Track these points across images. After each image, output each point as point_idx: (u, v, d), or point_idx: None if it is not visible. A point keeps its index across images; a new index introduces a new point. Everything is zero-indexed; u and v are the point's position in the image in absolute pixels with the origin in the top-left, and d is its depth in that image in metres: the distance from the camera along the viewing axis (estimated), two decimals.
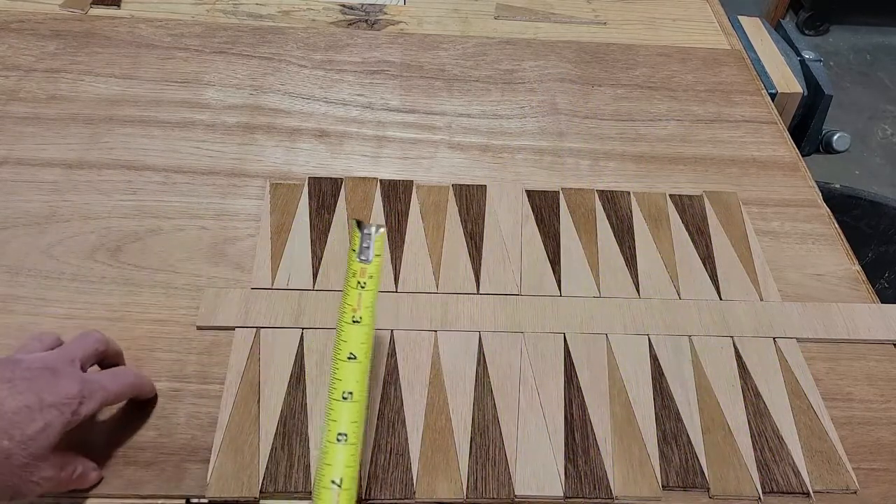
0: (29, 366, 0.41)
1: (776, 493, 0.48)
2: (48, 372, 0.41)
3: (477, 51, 0.84)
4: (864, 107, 2.13)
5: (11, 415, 0.38)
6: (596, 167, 0.71)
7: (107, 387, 0.44)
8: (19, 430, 0.38)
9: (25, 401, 0.39)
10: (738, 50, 0.89)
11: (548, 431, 0.50)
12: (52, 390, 0.40)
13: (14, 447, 0.38)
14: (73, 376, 0.42)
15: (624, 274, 0.60)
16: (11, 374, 0.40)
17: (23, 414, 0.38)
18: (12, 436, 0.38)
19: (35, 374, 0.40)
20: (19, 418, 0.38)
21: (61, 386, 0.41)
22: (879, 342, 0.57)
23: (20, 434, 0.38)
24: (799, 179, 0.71)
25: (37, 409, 0.39)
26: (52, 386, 0.40)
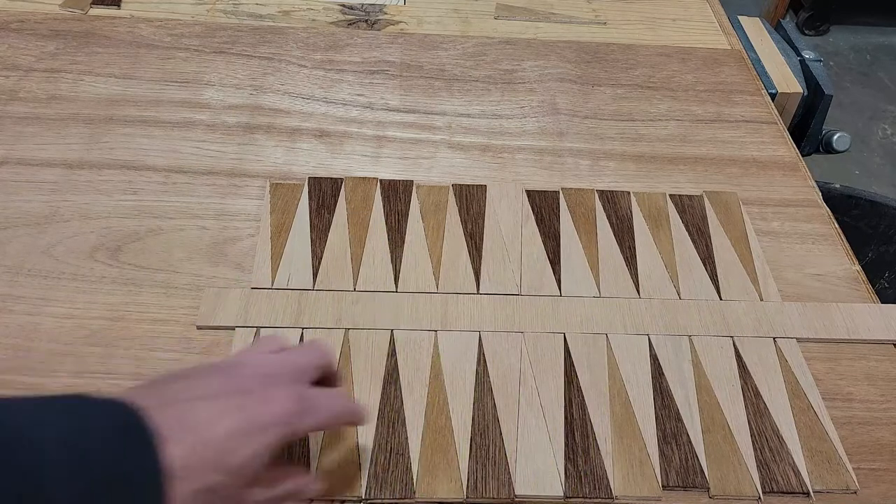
0: (249, 373, 0.37)
1: (776, 493, 0.48)
2: (267, 381, 0.37)
3: (477, 51, 0.84)
4: (864, 107, 2.13)
5: (224, 441, 0.33)
6: (596, 167, 0.71)
7: (326, 407, 0.39)
8: (230, 458, 0.33)
9: (238, 423, 0.34)
10: (738, 50, 0.89)
11: (548, 431, 0.50)
12: (267, 408, 0.36)
13: (226, 479, 0.33)
14: (292, 390, 0.37)
15: (624, 274, 0.60)
16: (226, 387, 0.36)
17: (235, 440, 0.34)
18: (223, 467, 0.33)
19: (251, 386, 0.36)
20: (231, 444, 0.34)
21: (277, 401, 0.36)
22: (879, 342, 0.57)
23: (231, 464, 0.33)
24: (799, 179, 0.71)
25: (250, 433, 0.34)
26: (267, 402, 0.36)
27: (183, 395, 0.34)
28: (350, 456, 0.47)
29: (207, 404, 0.34)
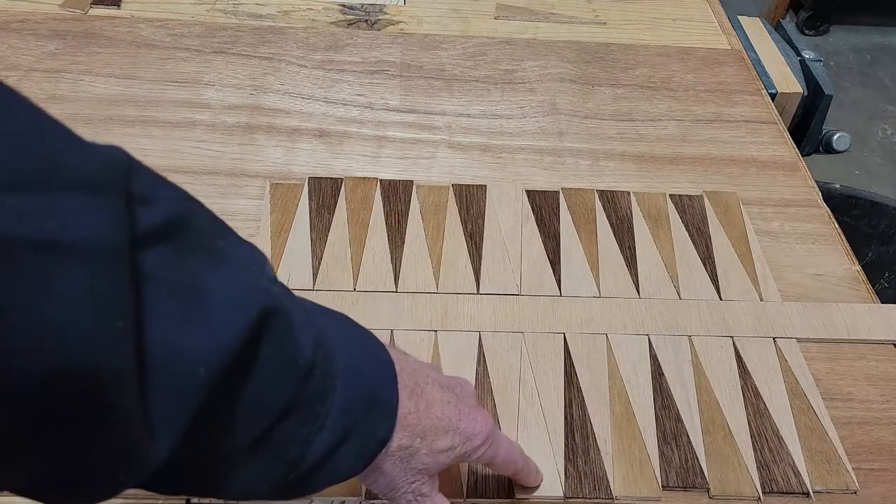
0: (469, 391, 0.40)
1: (776, 494, 0.48)
2: (468, 404, 0.39)
3: (477, 51, 0.84)
4: (864, 107, 2.13)
5: (435, 420, 0.36)
6: (596, 167, 0.71)
7: (507, 449, 0.41)
8: (432, 438, 0.36)
9: (449, 414, 0.37)
10: (738, 50, 0.89)
11: (548, 431, 0.50)
12: (469, 418, 0.38)
13: (421, 449, 0.36)
14: (487, 417, 0.39)
15: (624, 274, 0.60)
16: (450, 388, 0.39)
17: (442, 426, 0.37)
18: (425, 442, 0.36)
19: (459, 398, 0.39)
20: (440, 426, 0.37)
21: (483, 421, 0.39)
22: (879, 342, 0.57)
23: (431, 443, 0.36)
24: (799, 179, 0.71)
25: (452, 429, 0.37)
26: (475, 417, 0.38)
27: (419, 371, 0.38)
28: None
29: (434, 389, 0.38)
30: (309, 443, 0.31)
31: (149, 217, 0.24)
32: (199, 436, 0.27)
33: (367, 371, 0.34)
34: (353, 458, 0.33)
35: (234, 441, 0.29)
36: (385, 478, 0.36)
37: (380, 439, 0.34)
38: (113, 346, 0.22)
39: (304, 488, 0.33)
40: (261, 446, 0.30)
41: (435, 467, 0.37)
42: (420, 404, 0.36)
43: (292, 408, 0.30)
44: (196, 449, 0.27)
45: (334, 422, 0.32)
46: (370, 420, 0.34)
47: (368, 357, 0.35)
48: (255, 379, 0.28)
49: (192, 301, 0.25)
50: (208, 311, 0.26)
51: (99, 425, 0.23)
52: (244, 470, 0.30)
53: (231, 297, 0.27)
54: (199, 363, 0.25)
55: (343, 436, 0.32)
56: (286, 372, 0.29)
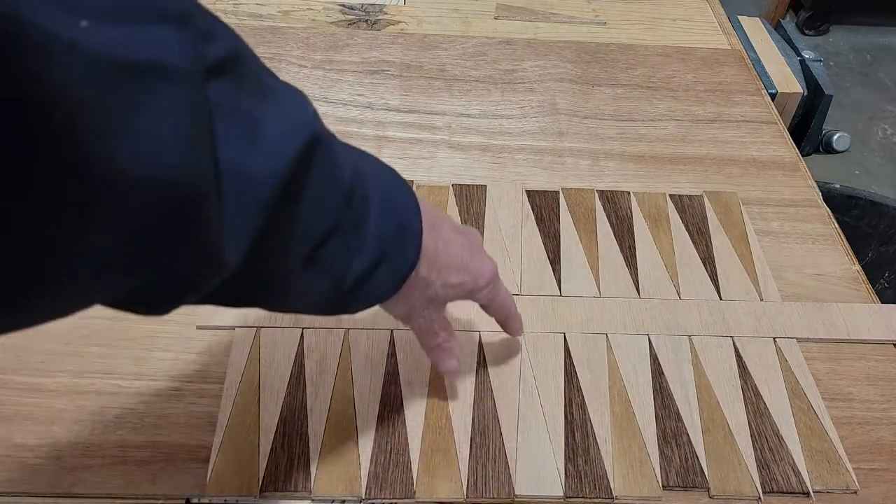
0: (479, 240, 0.47)
1: (776, 493, 0.48)
2: (477, 248, 0.46)
3: (477, 51, 0.84)
4: (864, 107, 2.13)
5: (450, 258, 0.42)
6: (596, 167, 0.71)
7: (506, 294, 0.48)
8: (446, 273, 0.42)
9: (462, 254, 0.43)
10: (738, 50, 0.89)
11: (548, 431, 0.50)
12: (478, 260, 0.44)
13: (435, 282, 0.42)
14: (493, 262, 0.46)
15: (624, 274, 0.60)
16: (459, 230, 0.45)
17: (455, 264, 0.42)
18: (440, 274, 0.42)
19: (469, 242, 0.45)
20: (453, 264, 0.42)
21: (483, 262, 0.45)
22: (879, 342, 0.57)
23: (445, 277, 0.42)
24: (799, 179, 0.71)
25: (464, 267, 0.43)
26: (483, 260, 0.45)
27: (437, 213, 0.43)
28: (350, 456, 0.47)
29: (449, 231, 0.43)
30: (350, 262, 0.36)
31: (213, 51, 0.27)
32: (263, 250, 0.31)
33: (396, 201, 0.39)
34: (388, 280, 0.39)
35: (291, 256, 0.33)
36: (404, 305, 0.42)
37: (410, 262, 0.39)
38: (201, 161, 0.26)
39: (349, 305, 0.38)
40: (312, 263, 0.34)
41: (445, 298, 0.44)
42: (438, 242, 0.41)
43: (336, 229, 0.34)
44: (260, 263, 0.31)
45: (371, 245, 0.36)
46: (400, 246, 0.38)
47: (396, 189, 0.39)
48: (305, 199, 0.32)
49: (252, 129, 0.28)
50: (266, 137, 0.29)
51: (193, 233, 0.26)
52: (298, 284, 0.35)
53: (283, 126, 0.30)
54: (262, 182, 0.29)
55: (379, 258, 0.37)
56: (330, 195, 0.34)
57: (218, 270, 0.29)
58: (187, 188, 0.25)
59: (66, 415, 0.48)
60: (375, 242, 0.36)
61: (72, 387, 0.50)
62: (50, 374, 0.50)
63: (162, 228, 0.25)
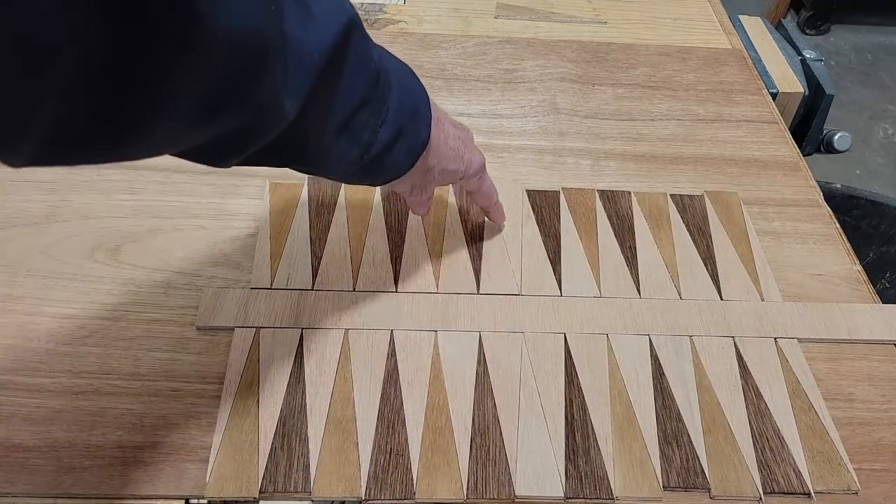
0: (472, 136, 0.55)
1: (777, 494, 0.48)
2: (470, 142, 0.54)
3: (477, 50, 0.84)
4: (865, 106, 2.13)
5: (449, 149, 0.50)
6: (596, 167, 0.70)
7: (489, 182, 0.57)
8: (445, 162, 0.50)
9: (458, 147, 0.51)
10: (739, 49, 0.88)
11: (548, 431, 0.49)
12: (471, 151, 0.53)
13: (435, 167, 0.50)
14: (481, 155, 0.54)
15: (624, 274, 0.60)
16: (457, 125, 0.52)
17: (452, 154, 0.51)
18: (440, 161, 0.50)
19: (464, 137, 0.53)
20: (451, 154, 0.51)
21: (475, 154, 0.53)
22: (881, 342, 0.57)
23: (444, 164, 0.50)
24: (800, 179, 0.71)
25: (459, 157, 0.52)
26: (470, 149, 0.53)
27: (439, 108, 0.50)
28: (350, 456, 0.47)
29: (449, 126, 0.51)
30: (376, 132, 0.43)
31: None
32: (313, 109, 0.38)
33: (411, 88, 0.46)
34: (404, 153, 0.46)
35: (329, 122, 0.40)
36: (408, 181, 0.50)
37: (422, 141, 0.47)
38: (273, 28, 0.32)
39: (374, 174, 0.46)
40: (345, 129, 0.41)
41: (441, 181, 0.53)
42: (440, 133, 0.49)
43: (366, 101, 0.41)
44: (309, 121, 0.38)
45: (391, 120, 0.43)
46: (414, 125, 0.46)
47: (411, 81, 0.47)
48: (345, 71, 0.39)
49: (305, 10, 0.35)
50: (316, 16, 0.36)
51: (266, 84, 0.33)
52: (333, 148, 0.42)
53: (329, 9, 0.37)
54: (314, 51, 0.36)
55: (398, 132, 0.44)
56: (364, 70, 0.41)
57: (280, 120, 0.36)
58: (263, 46, 0.32)
59: (65, 415, 0.48)
60: (395, 119, 0.43)
61: (70, 387, 0.50)
62: (49, 375, 0.50)
63: (246, 78, 0.32)
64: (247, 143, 0.37)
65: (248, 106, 0.33)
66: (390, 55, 0.46)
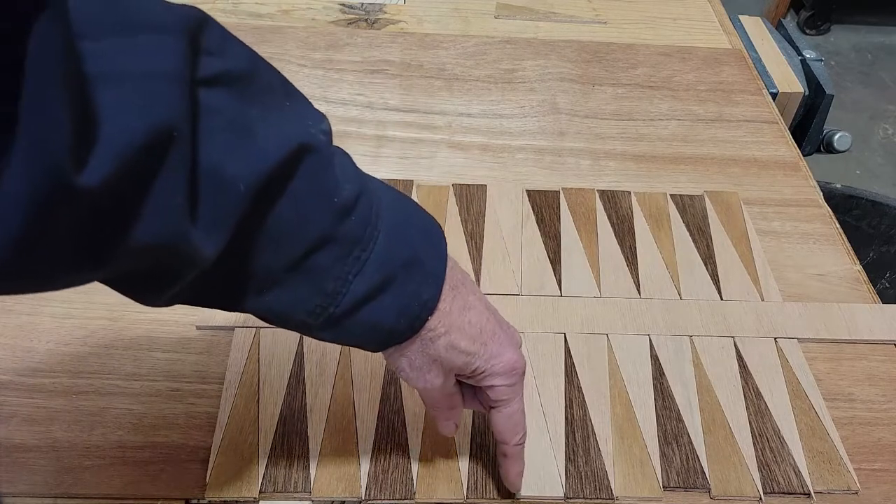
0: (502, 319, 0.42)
1: (777, 494, 0.48)
2: (507, 335, 0.41)
3: (477, 50, 0.84)
4: (865, 106, 2.13)
5: (466, 323, 0.39)
6: (596, 167, 0.70)
7: (522, 412, 0.42)
8: (456, 335, 0.39)
9: (482, 326, 0.40)
10: (739, 49, 0.88)
11: (548, 431, 0.49)
12: (499, 343, 0.40)
13: (441, 338, 0.38)
14: (519, 355, 0.41)
15: (625, 274, 0.60)
16: (494, 311, 0.41)
17: (470, 332, 0.39)
18: (448, 332, 0.38)
19: (501, 324, 0.41)
20: (468, 331, 0.39)
21: (508, 350, 0.40)
22: (881, 342, 0.57)
23: (453, 339, 0.39)
24: (800, 179, 0.71)
25: (479, 339, 0.39)
26: (501, 341, 0.40)
27: (470, 284, 0.41)
28: (350, 456, 0.47)
29: (476, 300, 0.40)
30: (347, 282, 0.35)
31: (213, 65, 0.29)
32: (242, 245, 0.32)
33: (413, 238, 0.37)
34: (394, 315, 0.36)
35: (275, 258, 0.34)
36: (402, 357, 0.39)
37: (422, 302, 0.37)
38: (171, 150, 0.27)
39: (349, 332, 0.37)
40: (299, 271, 0.34)
41: (448, 364, 0.39)
42: (456, 302, 0.39)
43: (326, 241, 0.34)
44: (240, 258, 0.33)
45: (373, 268, 0.35)
46: (411, 279, 0.37)
47: (418, 230, 0.38)
48: (288, 202, 0.33)
49: (243, 134, 0.31)
50: (253, 142, 0.31)
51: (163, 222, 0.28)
52: (284, 290, 0.35)
53: (275, 134, 0.32)
54: (239, 181, 0.30)
55: (382, 284, 0.36)
56: (319, 204, 0.34)
57: (195, 258, 0.31)
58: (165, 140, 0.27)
59: (65, 415, 0.48)
60: (379, 265, 0.35)
61: (70, 387, 0.50)
62: (49, 375, 0.50)
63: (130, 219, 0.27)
64: (161, 284, 0.32)
65: (135, 248, 0.28)
66: (398, 195, 0.39)
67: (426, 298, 0.37)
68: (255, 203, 0.31)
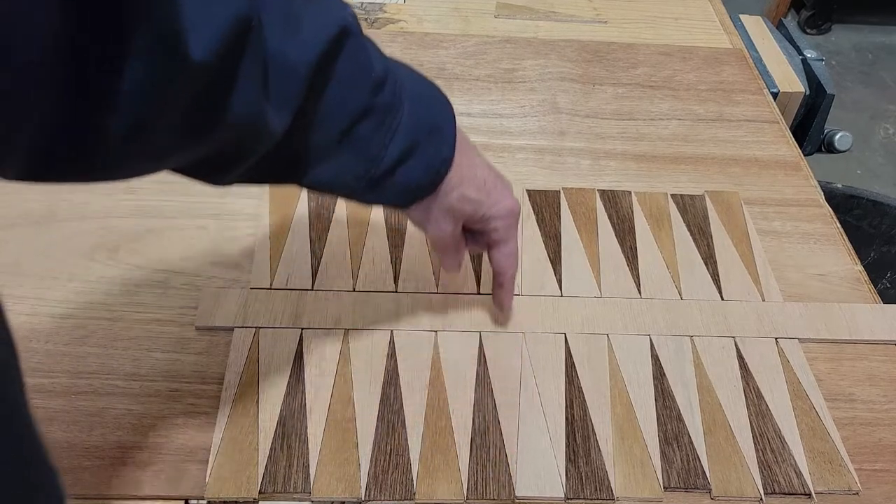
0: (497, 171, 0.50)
1: (778, 494, 0.48)
2: (504, 185, 0.49)
3: (477, 49, 0.84)
4: (865, 106, 2.13)
5: (473, 176, 0.46)
6: (597, 166, 0.70)
7: (517, 252, 0.51)
8: (466, 185, 0.46)
9: (486, 178, 0.47)
10: (739, 49, 0.88)
11: (548, 432, 0.49)
12: (499, 191, 0.48)
13: (453, 191, 0.46)
14: (515, 200, 0.49)
15: (625, 274, 0.60)
16: (492, 167, 0.49)
17: (476, 183, 0.46)
18: (459, 184, 0.46)
19: (499, 176, 0.49)
20: (474, 182, 0.46)
21: (506, 194, 0.49)
22: (881, 342, 0.57)
23: (463, 190, 0.46)
24: (801, 179, 0.71)
25: (483, 188, 0.47)
26: (501, 189, 0.48)
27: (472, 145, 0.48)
28: (350, 457, 0.47)
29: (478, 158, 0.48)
30: (384, 146, 0.41)
31: None
32: (301, 123, 0.38)
33: (431, 106, 0.44)
34: (422, 172, 0.44)
35: (326, 134, 0.39)
36: (422, 209, 0.46)
37: (443, 159, 0.44)
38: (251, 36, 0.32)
39: (386, 191, 0.44)
40: (345, 141, 0.40)
41: (458, 213, 0.47)
42: (464, 159, 0.46)
43: (367, 113, 0.40)
44: (299, 135, 0.38)
45: (403, 134, 0.42)
46: (432, 142, 0.43)
47: (432, 96, 0.45)
48: (336, 81, 0.38)
49: (295, 23, 0.35)
50: (303, 30, 0.36)
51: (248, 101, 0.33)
52: (334, 161, 0.41)
53: (320, 21, 0.37)
54: (299, 65, 0.36)
55: (411, 147, 0.42)
56: (360, 79, 0.39)
57: (267, 135, 0.36)
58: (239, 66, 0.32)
59: (64, 416, 0.48)
60: (408, 132, 0.42)
61: (70, 387, 0.50)
62: (48, 375, 0.50)
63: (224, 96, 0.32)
64: (237, 161, 0.37)
65: (230, 122, 0.33)
66: (409, 70, 0.45)
67: (445, 157, 0.44)
68: (311, 84, 0.36)
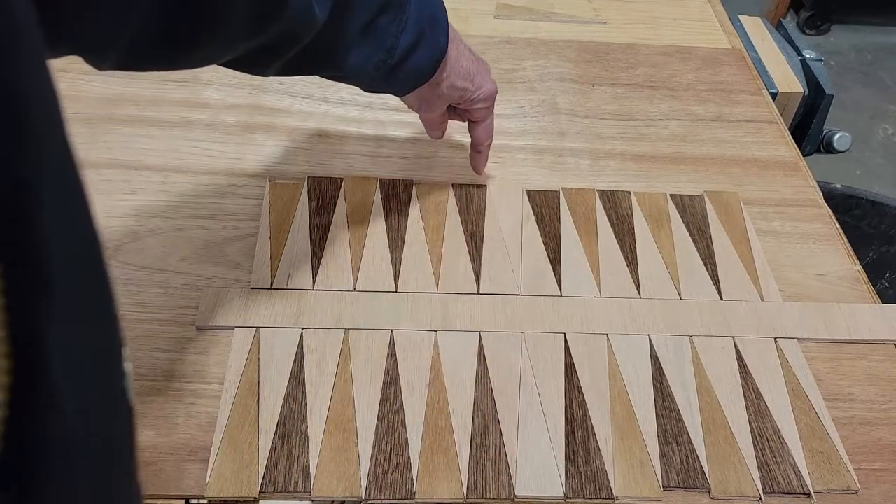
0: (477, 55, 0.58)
1: (777, 494, 0.48)
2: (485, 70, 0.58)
3: (477, 50, 0.83)
4: (865, 106, 2.13)
5: (461, 66, 0.54)
6: (596, 167, 0.70)
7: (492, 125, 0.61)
8: (455, 77, 0.54)
9: (471, 67, 0.55)
10: (738, 49, 0.88)
11: (548, 431, 0.49)
12: (482, 77, 0.57)
13: (445, 81, 0.54)
14: (493, 84, 0.58)
15: (624, 274, 0.60)
16: (473, 52, 0.57)
17: (463, 72, 0.55)
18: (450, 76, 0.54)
19: (479, 63, 0.57)
20: (462, 72, 0.54)
21: (486, 80, 0.57)
22: (880, 342, 0.57)
23: (453, 80, 0.54)
24: (800, 179, 0.71)
25: (469, 77, 0.55)
26: (483, 74, 0.57)
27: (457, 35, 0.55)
28: (350, 456, 0.47)
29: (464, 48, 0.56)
30: (397, 37, 0.49)
31: None
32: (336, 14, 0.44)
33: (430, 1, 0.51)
34: (426, 60, 0.51)
35: (354, 25, 0.46)
36: (418, 96, 0.55)
37: (442, 48, 0.51)
38: None
39: (397, 79, 0.52)
40: (368, 33, 0.47)
41: (447, 97, 0.56)
42: (454, 50, 0.53)
43: (385, 6, 0.47)
44: (334, 26, 0.45)
45: (412, 26, 0.49)
46: (434, 32, 0.51)
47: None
48: None
49: None
50: None
51: None
52: (359, 51, 0.48)
53: None
54: None
55: (418, 38, 0.49)
56: None
57: (314, 23, 0.43)
58: None
59: None
60: (415, 25, 0.49)
61: None
62: None
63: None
64: (288, 47, 0.44)
65: (289, 13, 0.40)
66: None
67: (443, 46, 0.51)
68: None
